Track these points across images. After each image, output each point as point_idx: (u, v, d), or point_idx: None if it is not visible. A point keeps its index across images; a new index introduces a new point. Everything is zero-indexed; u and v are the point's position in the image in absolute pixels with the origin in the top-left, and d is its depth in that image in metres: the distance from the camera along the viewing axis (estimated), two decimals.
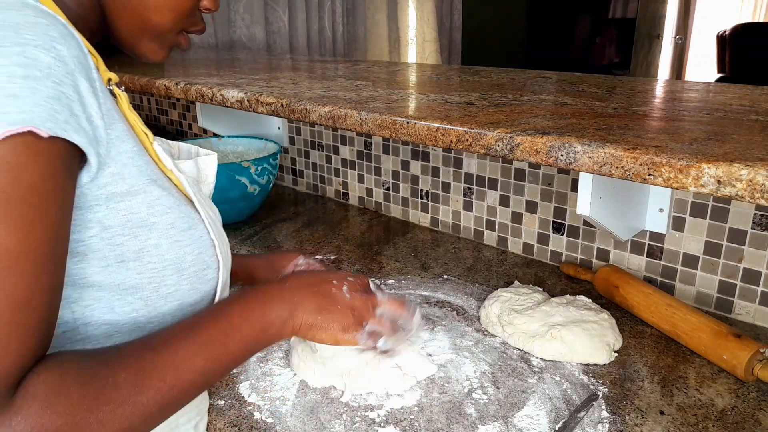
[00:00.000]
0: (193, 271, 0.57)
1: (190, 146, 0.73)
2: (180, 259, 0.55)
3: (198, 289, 0.58)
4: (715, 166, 0.56)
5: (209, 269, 0.59)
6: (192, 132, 1.98)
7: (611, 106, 0.88)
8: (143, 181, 0.52)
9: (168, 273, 0.55)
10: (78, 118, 0.45)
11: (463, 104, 0.91)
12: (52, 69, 0.43)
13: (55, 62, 0.43)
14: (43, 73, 0.42)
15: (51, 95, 0.42)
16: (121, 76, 1.38)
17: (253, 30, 2.51)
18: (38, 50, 0.43)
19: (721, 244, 0.94)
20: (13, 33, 0.42)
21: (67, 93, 0.44)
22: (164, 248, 0.54)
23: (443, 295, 1.03)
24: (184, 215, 0.56)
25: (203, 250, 0.58)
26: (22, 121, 0.40)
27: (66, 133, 0.43)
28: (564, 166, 0.67)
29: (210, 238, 0.59)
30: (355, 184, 1.50)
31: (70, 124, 0.44)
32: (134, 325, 0.54)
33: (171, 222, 0.55)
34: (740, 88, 1.07)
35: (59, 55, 0.44)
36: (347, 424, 0.72)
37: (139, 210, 0.52)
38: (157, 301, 0.55)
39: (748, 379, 0.78)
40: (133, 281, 0.53)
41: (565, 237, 1.13)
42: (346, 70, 1.45)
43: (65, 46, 0.45)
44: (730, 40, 4.66)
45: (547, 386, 0.79)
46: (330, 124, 0.92)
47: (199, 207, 0.59)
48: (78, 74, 0.45)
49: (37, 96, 0.42)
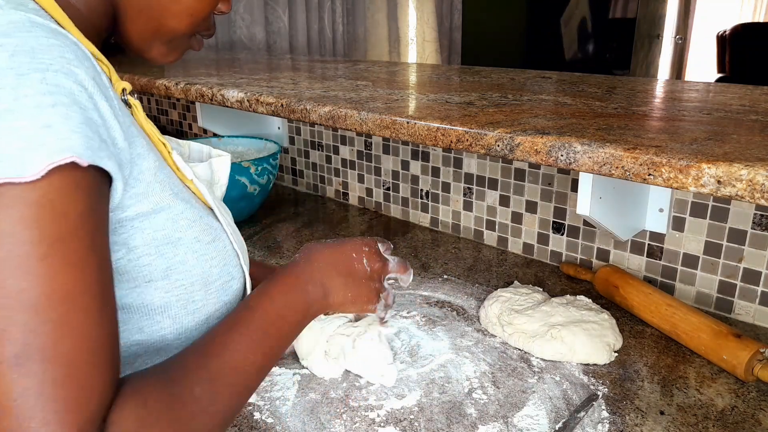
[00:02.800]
0: (219, 284, 0.56)
1: (201, 146, 0.71)
2: (206, 273, 0.55)
3: (224, 302, 0.57)
4: (715, 166, 0.56)
5: (234, 280, 0.58)
6: (192, 132, 1.99)
7: (611, 106, 0.88)
8: (166, 196, 0.51)
9: (195, 289, 0.54)
10: (107, 144, 0.43)
11: (463, 104, 0.91)
12: (75, 95, 0.41)
13: (77, 87, 0.42)
14: (69, 99, 0.41)
15: (82, 121, 0.41)
16: (121, 76, 1.38)
17: (253, 30, 2.51)
18: (58, 75, 0.41)
19: (721, 244, 0.94)
20: (29, 59, 0.40)
21: (93, 118, 0.42)
22: (191, 264, 0.53)
23: (443, 295, 1.03)
24: (207, 227, 0.55)
25: (228, 261, 0.57)
26: (63, 150, 0.39)
27: (102, 160, 0.42)
28: (564, 166, 0.67)
29: (233, 248, 0.58)
30: (355, 184, 1.50)
31: (103, 151, 0.42)
32: (162, 343, 0.53)
33: (196, 236, 0.54)
34: (740, 88, 1.07)
35: (78, 79, 0.42)
36: (347, 424, 0.72)
37: (164, 227, 0.51)
38: (184, 318, 0.54)
39: (748, 379, 0.78)
40: (162, 300, 0.52)
41: (565, 237, 1.13)
42: (346, 70, 1.45)
43: (81, 68, 0.43)
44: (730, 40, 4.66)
45: (547, 386, 0.79)
46: (330, 124, 0.92)
47: (220, 215, 0.58)
48: (97, 96, 0.43)
49: (71, 123, 0.40)
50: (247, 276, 0.60)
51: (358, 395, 0.77)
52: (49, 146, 0.38)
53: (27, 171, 0.38)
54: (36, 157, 0.38)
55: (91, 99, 0.43)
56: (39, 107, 0.39)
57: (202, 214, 0.55)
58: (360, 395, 0.77)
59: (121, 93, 0.53)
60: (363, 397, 0.77)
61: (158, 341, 0.53)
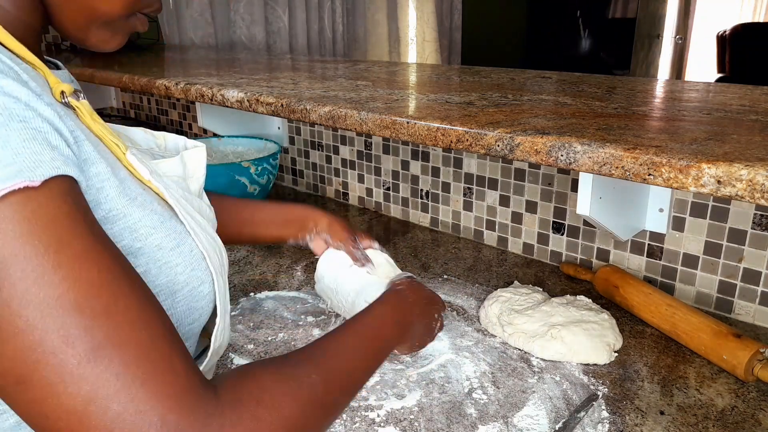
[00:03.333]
0: (187, 291, 0.54)
1: (177, 138, 0.68)
2: (172, 281, 0.52)
3: (194, 308, 0.55)
4: (715, 166, 0.56)
5: (204, 284, 0.55)
6: (192, 132, 1.99)
7: (611, 106, 0.88)
8: (121, 203, 0.48)
9: (161, 298, 0.51)
10: (59, 149, 0.41)
11: (463, 104, 0.91)
12: (9, 109, 0.39)
13: (9, 100, 0.39)
14: (4, 116, 0.38)
15: (25, 137, 0.39)
16: (121, 76, 1.38)
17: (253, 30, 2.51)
18: None
19: (721, 244, 0.94)
20: None
21: (37, 127, 0.40)
22: (153, 273, 0.50)
23: (443, 295, 1.03)
24: (170, 232, 0.52)
25: (195, 266, 0.54)
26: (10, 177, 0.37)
27: (58, 169, 0.40)
28: (564, 166, 0.67)
29: (199, 250, 0.55)
30: (355, 184, 1.50)
31: (56, 160, 0.40)
32: None
33: (157, 243, 0.51)
34: (740, 88, 1.07)
35: (6, 91, 0.40)
36: (347, 424, 0.72)
37: (122, 237, 0.48)
38: None
39: (748, 379, 0.78)
40: None
41: (565, 237, 1.13)
42: (346, 70, 1.45)
43: (8, 78, 0.40)
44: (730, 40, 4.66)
45: (547, 386, 0.79)
46: (330, 124, 0.92)
47: (183, 217, 0.55)
48: (35, 103, 0.41)
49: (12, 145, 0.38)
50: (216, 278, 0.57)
51: (358, 395, 0.77)
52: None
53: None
54: None
55: (28, 106, 0.40)
56: None
57: (163, 219, 0.52)
58: (360, 395, 0.77)
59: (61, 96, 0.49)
60: (363, 397, 0.77)
61: None
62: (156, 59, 1.81)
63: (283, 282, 1.09)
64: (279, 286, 1.08)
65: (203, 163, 0.66)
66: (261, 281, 1.09)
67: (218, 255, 0.60)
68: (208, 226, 0.61)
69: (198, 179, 0.65)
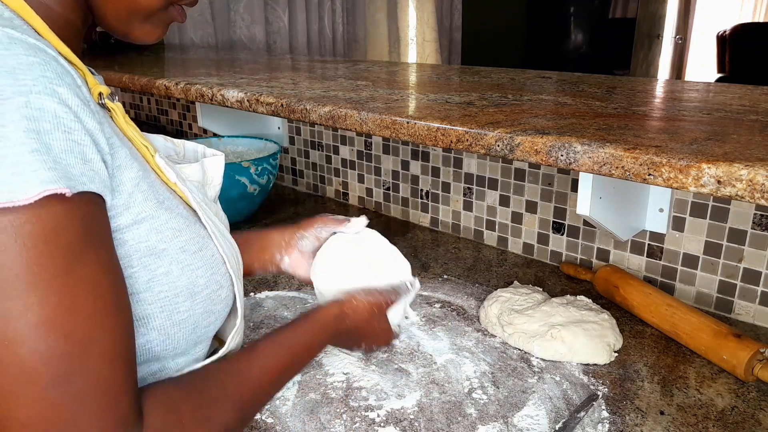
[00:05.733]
0: (206, 293, 0.55)
1: (196, 145, 0.70)
2: (192, 284, 0.53)
3: (212, 311, 0.56)
4: (715, 166, 0.56)
5: (222, 288, 0.57)
6: (192, 132, 1.99)
7: (611, 106, 0.88)
8: (149, 206, 0.50)
9: (180, 300, 0.53)
10: (92, 163, 0.43)
11: (463, 104, 0.91)
12: (59, 117, 0.41)
13: (61, 108, 0.41)
14: (51, 124, 0.40)
15: (64, 148, 0.41)
16: (121, 76, 1.38)
17: (253, 30, 2.51)
18: (41, 98, 0.40)
19: (721, 244, 0.94)
20: (11, 80, 0.39)
21: (78, 140, 0.42)
22: (175, 275, 0.52)
23: (443, 295, 1.03)
24: (194, 235, 0.54)
25: (215, 270, 0.56)
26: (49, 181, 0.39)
27: (85, 185, 0.41)
28: (564, 166, 0.67)
29: (220, 254, 0.57)
30: (355, 184, 1.50)
31: (86, 175, 0.42)
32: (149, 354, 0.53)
33: (181, 246, 0.52)
34: (740, 88, 1.07)
35: (62, 99, 0.41)
36: (347, 424, 0.72)
37: (148, 238, 0.50)
38: (170, 329, 0.53)
39: (748, 379, 0.78)
40: (144, 312, 0.51)
41: (565, 237, 1.13)
42: (346, 70, 1.45)
43: (64, 85, 0.42)
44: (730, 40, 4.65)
45: (547, 386, 0.79)
46: (330, 124, 0.92)
47: (206, 221, 0.57)
48: (83, 113, 0.43)
49: (53, 153, 0.40)
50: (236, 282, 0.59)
51: (358, 395, 0.77)
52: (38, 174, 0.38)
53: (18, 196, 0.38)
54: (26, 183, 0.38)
55: (77, 118, 0.42)
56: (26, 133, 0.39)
57: (188, 222, 0.54)
58: (360, 395, 0.77)
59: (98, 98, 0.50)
60: (363, 397, 0.77)
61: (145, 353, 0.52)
62: (156, 59, 1.81)
63: (283, 282, 1.10)
64: (279, 286, 1.08)
65: (221, 171, 0.68)
66: (261, 281, 1.09)
67: (236, 259, 0.62)
68: (226, 231, 0.62)
69: (215, 187, 0.67)
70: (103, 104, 0.51)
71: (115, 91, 0.58)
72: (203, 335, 0.56)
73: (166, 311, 0.52)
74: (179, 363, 0.55)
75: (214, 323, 0.57)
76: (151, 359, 0.53)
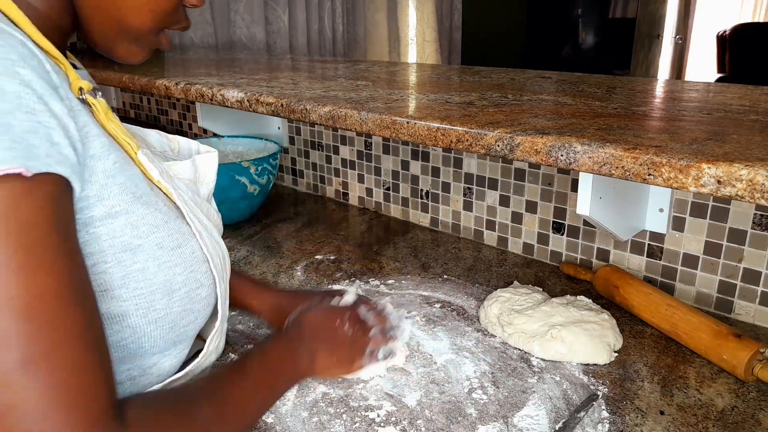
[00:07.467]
0: (184, 291, 0.54)
1: (190, 143, 0.69)
2: (169, 281, 0.52)
3: (190, 309, 0.55)
4: (715, 166, 0.56)
5: (202, 287, 0.56)
6: (192, 132, 1.99)
7: (611, 106, 0.88)
8: (125, 200, 0.49)
9: (157, 297, 0.51)
10: (59, 146, 0.41)
11: (463, 104, 0.91)
12: (21, 98, 0.40)
13: (23, 89, 0.40)
14: (12, 105, 0.39)
15: (27, 129, 0.39)
16: (121, 76, 1.38)
17: (253, 30, 2.51)
18: (2, 79, 0.39)
19: (721, 244, 0.94)
20: None
21: (42, 121, 0.41)
22: (152, 271, 0.51)
23: (443, 295, 1.03)
24: (173, 232, 0.53)
25: (195, 268, 0.55)
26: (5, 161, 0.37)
27: (50, 167, 0.40)
28: (564, 166, 0.67)
29: (203, 253, 0.56)
30: (355, 184, 1.50)
31: (52, 157, 0.40)
32: (125, 351, 0.52)
33: (158, 242, 0.51)
34: (740, 88, 1.07)
35: (24, 81, 0.40)
36: (347, 424, 0.72)
37: (123, 233, 0.48)
38: (146, 327, 0.52)
39: (748, 379, 0.78)
40: (119, 309, 0.50)
41: (565, 237, 1.13)
42: (346, 70, 1.45)
43: (28, 68, 0.41)
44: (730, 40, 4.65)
45: (547, 386, 0.79)
46: (330, 124, 0.92)
47: (190, 219, 0.55)
48: (48, 97, 0.42)
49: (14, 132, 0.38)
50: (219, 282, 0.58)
51: (358, 395, 0.77)
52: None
53: None
54: None
55: (41, 100, 0.41)
56: None
57: (168, 219, 0.53)
58: (360, 395, 0.77)
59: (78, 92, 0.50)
60: (363, 397, 0.77)
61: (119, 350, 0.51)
62: (156, 59, 1.81)
63: (283, 282, 1.10)
64: (279, 286, 1.08)
65: (214, 168, 0.66)
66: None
67: (221, 260, 0.60)
68: (214, 231, 0.62)
69: (208, 184, 0.66)
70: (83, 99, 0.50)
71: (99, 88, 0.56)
72: (182, 334, 0.55)
73: (142, 309, 0.51)
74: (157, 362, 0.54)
75: (193, 323, 0.56)
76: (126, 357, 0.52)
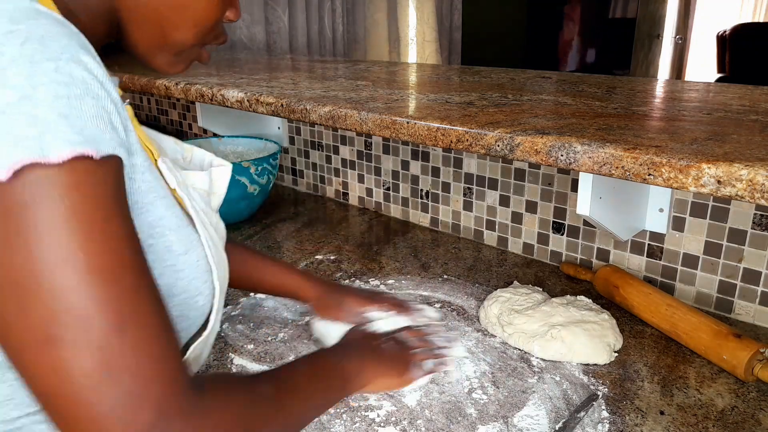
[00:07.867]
0: (183, 297, 0.54)
1: (204, 154, 0.70)
2: (171, 285, 0.53)
3: (186, 316, 0.55)
4: (715, 166, 0.56)
5: (201, 296, 0.56)
6: (192, 132, 1.99)
7: (611, 106, 0.88)
8: (150, 197, 0.50)
9: None
10: (117, 131, 0.44)
11: (463, 104, 0.91)
12: (87, 84, 0.41)
13: (88, 76, 0.42)
14: (81, 90, 0.41)
15: (94, 114, 0.41)
16: (121, 76, 1.38)
17: (253, 30, 2.51)
18: (70, 65, 0.41)
19: (721, 244, 0.94)
20: (41, 47, 0.40)
21: (105, 107, 0.43)
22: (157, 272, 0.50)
23: (443, 295, 1.03)
24: (183, 238, 0.53)
25: (197, 276, 0.55)
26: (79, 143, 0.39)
27: (114, 149, 0.42)
28: (564, 166, 0.67)
29: (207, 262, 0.56)
30: (355, 184, 1.50)
31: (114, 140, 0.43)
32: None
33: (168, 245, 0.52)
34: (740, 88, 1.07)
35: (88, 68, 0.42)
36: (347, 424, 0.72)
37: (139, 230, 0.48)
38: None
39: (748, 379, 0.78)
40: None
41: (565, 237, 1.13)
42: (346, 70, 1.45)
43: (89, 56, 0.43)
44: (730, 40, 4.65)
45: (547, 386, 0.79)
46: (330, 124, 0.92)
47: (201, 228, 0.56)
48: (107, 84, 0.44)
49: (85, 115, 0.41)
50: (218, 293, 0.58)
51: (358, 395, 0.77)
52: (68, 136, 0.39)
53: (51, 154, 0.38)
54: (57, 142, 0.38)
55: (103, 87, 0.43)
56: (56, 97, 0.39)
57: (181, 224, 0.53)
58: (360, 395, 0.77)
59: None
60: (363, 397, 0.77)
61: None
62: None
63: None
64: None
65: (226, 182, 0.68)
66: None
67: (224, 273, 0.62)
68: (220, 243, 0.62)
69: (219, 196, 0.68)
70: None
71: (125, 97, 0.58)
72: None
73: None
74: None
75: (185, 330, 0.56)
76: None
